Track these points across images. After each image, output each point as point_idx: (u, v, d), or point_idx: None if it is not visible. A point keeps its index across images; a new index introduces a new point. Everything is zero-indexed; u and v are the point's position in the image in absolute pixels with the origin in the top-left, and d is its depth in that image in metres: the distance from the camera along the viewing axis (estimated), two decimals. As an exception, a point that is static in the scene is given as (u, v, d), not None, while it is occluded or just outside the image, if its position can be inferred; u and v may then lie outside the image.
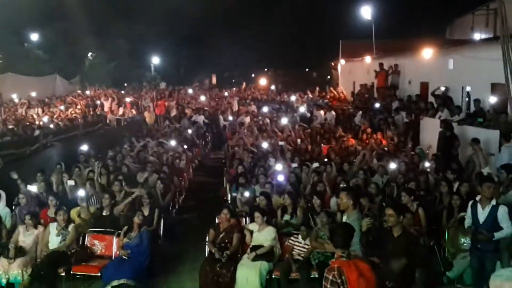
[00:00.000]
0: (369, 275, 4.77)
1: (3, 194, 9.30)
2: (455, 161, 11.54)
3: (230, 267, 7.71)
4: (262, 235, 8.09)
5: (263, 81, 36.65)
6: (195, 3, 39.55)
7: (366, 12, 25.60)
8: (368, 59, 23.54)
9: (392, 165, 10.98)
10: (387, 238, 6.17)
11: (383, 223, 6.83)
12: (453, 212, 8.42)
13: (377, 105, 18.59)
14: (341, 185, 9.23)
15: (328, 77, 37.71)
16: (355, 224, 5.99)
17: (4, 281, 7.79)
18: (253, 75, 48.19)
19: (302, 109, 20.66)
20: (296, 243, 8.09)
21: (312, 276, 7.59)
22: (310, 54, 44.15)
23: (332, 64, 33.87)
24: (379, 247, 6.57)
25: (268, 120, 19.00)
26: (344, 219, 6.70)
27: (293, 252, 8.06)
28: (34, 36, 35.52)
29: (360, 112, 18.69)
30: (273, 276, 7.83)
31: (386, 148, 13.88)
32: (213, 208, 9.70)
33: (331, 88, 28.93)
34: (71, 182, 10.28)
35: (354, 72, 27.00)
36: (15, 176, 10.14)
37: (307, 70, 50.13)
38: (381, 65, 21.08)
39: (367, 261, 5.49)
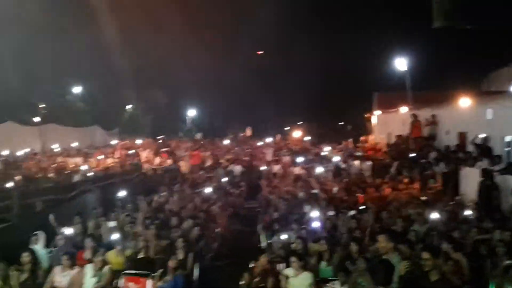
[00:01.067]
0: None
1: (43, 235, 9.48)
2: (497, 210, 11.21)
3: (265, 312, 7.54)
4: (299, 280, 7.90)
5: (297, 133, 36.75)
6: (231, 59, 40.84)
7: (400, 64, 25.63)
8: (403, 109, 23.42)
9: (434, 215, 10.70)
10: (424, 282, 5.96)
11: (422, 268, 6.60)
12: (497, 261, 8.10)
13: (413, 155, 18.35)
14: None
15: (363, 129, 37.60)
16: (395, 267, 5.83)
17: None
18: (287, 127, 48.52)
19: (336, 159, 20.51)
20: (334, 290, 7.84)
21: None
22: (344, 106, 44.33)
23: (366, 116, 33.83)
24: None
25: (303, 170, 18.98)
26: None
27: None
28: (77, 89, 36.97)
29: (397, 162, 18.45)
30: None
31: (424, 198, 13.61)
32: (247, 255, 9.56)
33: (364, 138, 28.75)
34: (112, 224, 10.44)
35: (389, 123, 26.82)
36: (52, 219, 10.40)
37: (341, 123, 50.19)
38: (414, 115, 20.97)
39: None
